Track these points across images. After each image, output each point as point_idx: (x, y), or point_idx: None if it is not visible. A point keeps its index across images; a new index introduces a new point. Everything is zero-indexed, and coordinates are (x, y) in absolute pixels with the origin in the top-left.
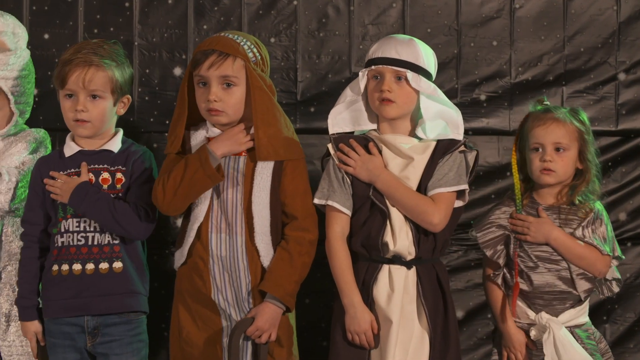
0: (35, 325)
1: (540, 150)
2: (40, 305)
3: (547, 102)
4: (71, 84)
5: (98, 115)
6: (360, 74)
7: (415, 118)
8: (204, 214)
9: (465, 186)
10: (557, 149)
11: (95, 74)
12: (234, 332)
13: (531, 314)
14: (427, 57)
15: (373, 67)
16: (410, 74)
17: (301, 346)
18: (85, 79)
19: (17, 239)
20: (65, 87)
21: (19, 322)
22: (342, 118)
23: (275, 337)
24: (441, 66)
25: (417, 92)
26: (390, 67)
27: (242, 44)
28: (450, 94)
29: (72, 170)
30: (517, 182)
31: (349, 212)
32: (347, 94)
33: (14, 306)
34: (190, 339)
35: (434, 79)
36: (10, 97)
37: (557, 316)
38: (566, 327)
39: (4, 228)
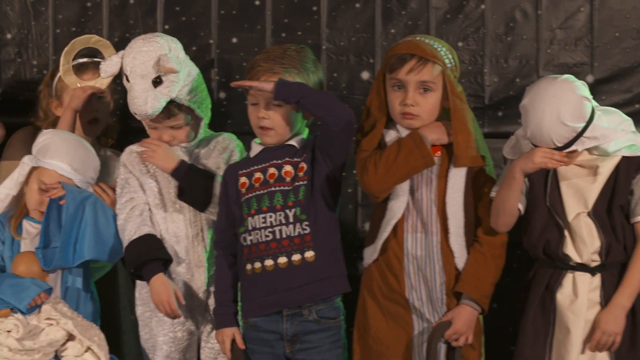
0: (232, 330)
1: None
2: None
3: None
4: (252, 92)
5: (280, 121)
6: None
7: None
8: (402, 210)
9: None
10: None
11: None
12: (433, 336)
13: None
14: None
15: None
16: None
17: (489, 351)
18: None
19: None
20: (249, 94)
21: None
22: None
23: (472, 339)
24: (628, 70)
25: None
26: None
27: (439, 49)
28: (638, 100)
29: (256, 167)
30: None
31: (522, 209)
32: None
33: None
34: (379, 337)
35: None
36: (193, 106)
37: None
38: None
39: None
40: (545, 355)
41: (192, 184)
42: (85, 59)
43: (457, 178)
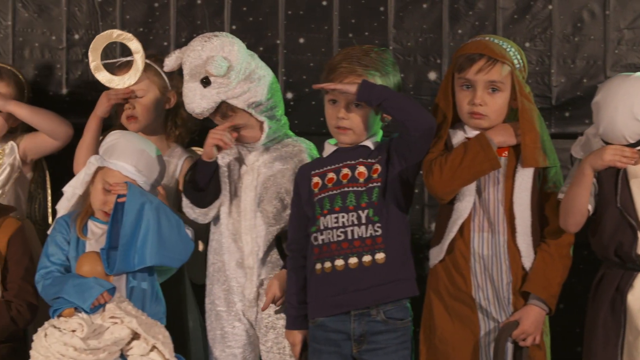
0: (303, 333)
1: None
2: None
3: None
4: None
5: (359, 123)
6: None
7: None
8: (468, 210)
9: None
10: None
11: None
12: (501, 336)
13: None
14: None
15: None
16: None
17: (554, 352)
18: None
19: None
20: (329, 93)
21: (277, 329)
22: None
23: (539, 340)
24: None
25: None
26: None
27: (508, 50)
28: None
29: (329, 167)
30: None
31: (591, 209)
32: None
33: (272, 315)
34: (445, 337)
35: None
36: (251, 110)
37: None
38: None
39: None
40: (617, 358)
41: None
42: (121, 59)
43: (525, 178)
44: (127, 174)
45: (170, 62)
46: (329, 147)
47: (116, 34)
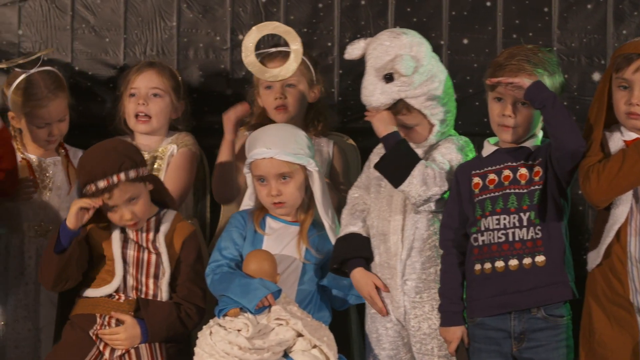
0: (460, 329)
1: None
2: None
3: None
4: (500, 89)
5: (523, 121)
6: None
7: None
8: (625, 215)
9: None
10: None
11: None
12: None
13: None
14: None
15: None
16: None
17: None
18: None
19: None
20: (495, 90)
21: (422, 330)
22: None
23: None
24: None
25: None
26: None
27: None
28: None
29: (490, 168)
30: None
31: None
32: None
33: (418, 317)
34: (604, 341)
35: None
36: (426, 112)
37: None
38: None
39: None
40: None
41: (395, 156)
42: (272, 49)
43: None
44: (262, 156)
45: (353, 52)
46: (489, 147)
47: (273, 26)
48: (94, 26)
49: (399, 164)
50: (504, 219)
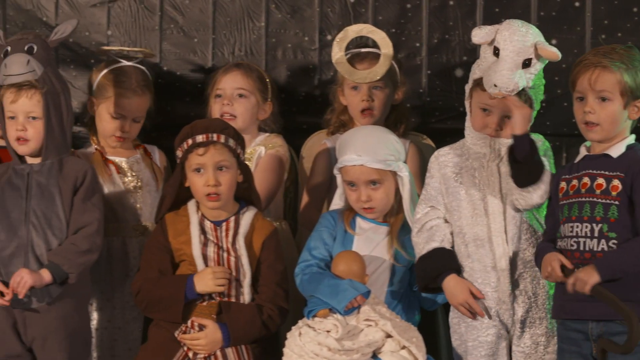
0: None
1: None
2: None
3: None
4: (579, 86)
5: (607, 117)
6: None
7: None
8: None
9: None
10: None
11: (602, 76)
12: None
13: None
14: None
15: None
16: None
17: None
18: (591, 80)
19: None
20: (575, 89)
21: (532, 329)
22: None
23: None
24: None
25: None
26: None
27: None
28: None
29: (575, 174)
30: None
31: None
32: None
33: (529, 313)
34: None
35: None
36: (535, 105)
37: None
38: None
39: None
40: None
41: (530, 155)
42: (363, 49)
43: None
44: (353, 163)
45: (483, 36)
46: (582, 152)
47: (366, 29)
48: (182, 26)
49: (532, 168)
50: (577, 227)
